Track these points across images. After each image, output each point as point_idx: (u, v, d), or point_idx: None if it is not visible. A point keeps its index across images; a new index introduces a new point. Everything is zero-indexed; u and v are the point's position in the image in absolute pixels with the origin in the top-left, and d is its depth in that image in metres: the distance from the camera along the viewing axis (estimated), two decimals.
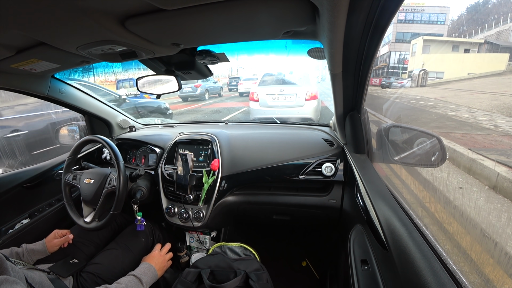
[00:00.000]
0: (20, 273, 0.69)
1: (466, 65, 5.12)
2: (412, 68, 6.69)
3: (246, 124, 1.81)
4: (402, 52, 11.31)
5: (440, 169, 1.77)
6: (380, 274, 0.65)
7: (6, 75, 1.02)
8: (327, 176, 1.21)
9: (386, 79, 6.25)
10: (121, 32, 0.63)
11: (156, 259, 1.07)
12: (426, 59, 5.01)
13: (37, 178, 1.32)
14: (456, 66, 4.12)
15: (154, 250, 1.12)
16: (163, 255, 1.12)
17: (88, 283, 0.97)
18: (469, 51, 5.22)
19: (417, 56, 6.03)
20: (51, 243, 1.05)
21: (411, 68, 6.80)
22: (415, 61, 6.41)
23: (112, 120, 1.65)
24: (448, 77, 4.09)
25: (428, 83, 7.99)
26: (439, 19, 10.16)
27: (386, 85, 6.07)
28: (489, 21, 7.54)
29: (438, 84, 4.87)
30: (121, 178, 1.11)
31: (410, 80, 4.32)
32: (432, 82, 5.94)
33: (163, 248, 1.15)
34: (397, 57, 11.43)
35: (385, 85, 6.00)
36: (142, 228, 1.24)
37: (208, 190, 1.24)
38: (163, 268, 1.07)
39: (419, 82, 4.06)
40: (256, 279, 0.92)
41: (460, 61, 4.25)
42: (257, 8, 0.56)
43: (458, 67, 4.05)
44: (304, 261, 1.64)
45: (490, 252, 1.17)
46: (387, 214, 0.66)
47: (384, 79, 6.39)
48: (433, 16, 10.43)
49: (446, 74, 4.63)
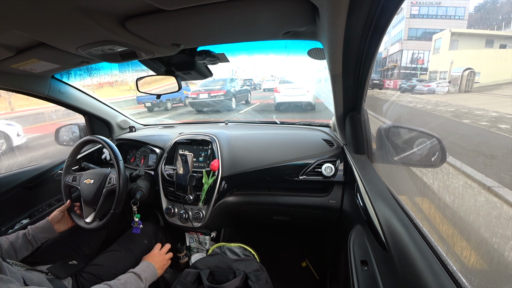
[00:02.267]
0: (17, 274, 0.69)
1: (509, 63, 4.00)
2: (435, 67, 5.59)
3: (246, 125, 1.81)
4: (416, 51, 9.85)
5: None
6: (380, 275, 0.65)
7: (7, 75, 1.02)
8: (327, 176, 1.21)
9: (406, 80, 5.17)
10: (121, 33, 0.64)
11: (156, 257, 1.08)
12: (456, 56, 4.09)
13: (37, 178, 1.32)
14: (495, 65, 3.34)
15: (154, 249, 1.13)
16: (163, 254, 1.12)
17: (89, 283, 0.97)
18: (506, 47, 4.39)
19: (442, 53, 5.07)
20: (53, 217, 1.08)
21: (434, 67, 5.66)
22: (439, 59, 5.41)
23: (112, 121, 1.65)
24: (486, 80, 3.08)
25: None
26: (457, 13, 8.93)
27: (406, 89, 4.83)
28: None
29: (486, 89, 3.03)
30: (120, 176, 1.11)
31: (443, 82, 3.21)
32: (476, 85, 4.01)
33: (163, 248, 1.15)
34: (410, 56, 9.95)
35: (406, 88, 4.83)
36: (138, 231, 1.22)
37: (208, 190, 1.24)
38: (163, 266, 1.08)
39: (463, 86, 2.74)
40: (255, 280, 0.92)
41: (501, 58, 3.42)
42: (257, 8, 0.56)
43: (498, 66, 3.26)
44: (304, 261, 1.64)
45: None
46: (387, 214, 0.66)
47: (404, 80, 5.23)
48: (450, 10, 9.13)
49: (482, 75, 3.65)
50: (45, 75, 1.18)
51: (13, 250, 0.93)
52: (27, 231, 1.00)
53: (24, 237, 0.98)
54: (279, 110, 7.72)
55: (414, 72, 9.45)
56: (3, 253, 0.90)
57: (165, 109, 9.27)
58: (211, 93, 7.79)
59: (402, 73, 10.34)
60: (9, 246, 0.93)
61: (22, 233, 0.99)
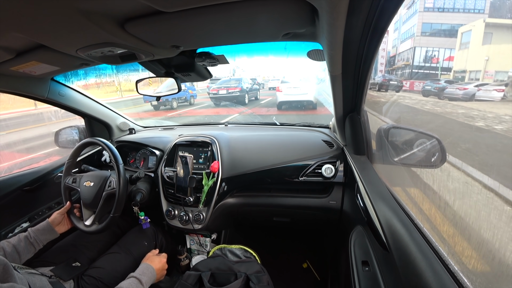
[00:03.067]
0: (24, 280, 0.68)
1: None
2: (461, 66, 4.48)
3: (246, 126, 1.81)
4: (430, 48, 8.64)
5: None
6: (381, 275, 0.64)
7: (6, 78, 1.02)
8: (327, 177, 1.21)
9: (432, 82, 4.21)
10: (121, 35, 0.64)
11: (154, 259, 1.08)
12: (493, 52, 3.14)
13: (37, 181, 1.31)
14: None
15: (149, 253, 1.14)
16: (160, 256, 1.12)
17: (90, 286, 0.96)
18: None
19: (472, 48, 4.05)
20: (53, 219, 1.08)
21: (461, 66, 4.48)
22: (467, 55, 4.33)
23: (112, 123, 1.65)
24: None
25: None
26: (476, 7, 7.83)
27: (432, 92, 3.82)
28: None
29: None
30: (121, 180, 1.11)
31: (489, 85, 2.37)
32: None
33: (161, 254, 1.16)
34: (424, 53, 8.71)
35: (432, 92, 3.84)
36: (148, 225, 1.27)
37: (208, 192, 1.24)
38: (161, 268, 1.08)
39: None
40: (256, 282, 0.92)
41: None
42: (256, 10, 0.56)
43: None
44: (305, 262, 1.64)
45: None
46: (388, 215, 0.66)
47: (429, 82, 4.20)
48: (469, 3, 7.87)
49: None
50: (45, 78, 1.18)
51: (17, 253, 0.93)
52: (28, 234, 1.00)
53: (26, 240, 0.98)
54: (281, 109, 7.99)
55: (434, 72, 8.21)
56: (7, 257, 0.90)
57: (170, 107, 9.73)
58: (229, 89, 9.32)
59: (414, 73, 9.31)
60: (12, 250, 0.92)
61: (24, 235, 0.99)
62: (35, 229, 1.03)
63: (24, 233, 1.00)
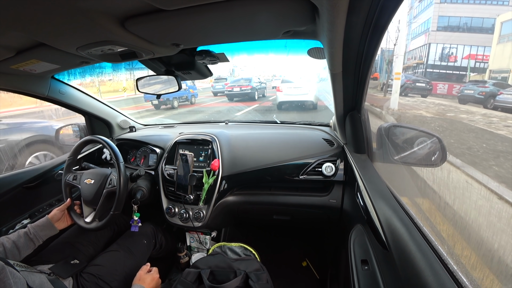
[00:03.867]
0: (21, 279, 0.69)
1: None
2: (501, 64, 3.66)
3: (246, 124, 1.81)
4: (447, 45, 7.38)
5: None
6: (380, 274, 0.65)
7: (6, 76, 1.02)
8: (328, 176, 1.21)
9: (472, 84, 3.34)
10: (121, 33, 0.63)
11: (146, 278, 1.00)
12: None
13: (38, 178, 1.32)
14: None
15: (140, 271, 1.03)
16: (152, 274, 1.03)
17: (89, 284, 0.97)
18: None
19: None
20: (52, 216, 1.08)
21: (499, 65, 3.63)
22: (504, 51, 3.61)
23: (112, 121, 1.65)
24: None
25: None
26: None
27: (473, 98, 2.97)
28: None
29: None
30: (121, 178, 1.11)
31: None
32: None
33: (152, 270, 1.06)
34: (440, 51, 7.45)
35: (475, 97, 2.97)
36: (136, 229, 1.21)
37: (208, 190, 1.24)
38: (154, 286, 1.00)
39: None
40: (256, 279, 0.92)
41: None
42: (257, 8, 0.56)
43: None
44: (305, 261, 1.64)
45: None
46: (388, 214, 0.66)
47: (468, 84, 3.28)
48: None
49: None
50: (45, 76, 1.18)
51: (17, 249, 0.93)
52: (28, 230, 1.00)
53: (25, 236, 0.98)
54: (281, 109, 7.98)
55: (462, 72, 7.08)
56: (7, 252, 0.90)
57: (172, 107, 9.80)
58: (241, 87, 10.61)
59: (428, 72, 8.51)
60: (12, 245, 0.92)
61: (23, 231, 0.99)
62: (34, 225, 1.03)
63: (24, 229, 1.01)
